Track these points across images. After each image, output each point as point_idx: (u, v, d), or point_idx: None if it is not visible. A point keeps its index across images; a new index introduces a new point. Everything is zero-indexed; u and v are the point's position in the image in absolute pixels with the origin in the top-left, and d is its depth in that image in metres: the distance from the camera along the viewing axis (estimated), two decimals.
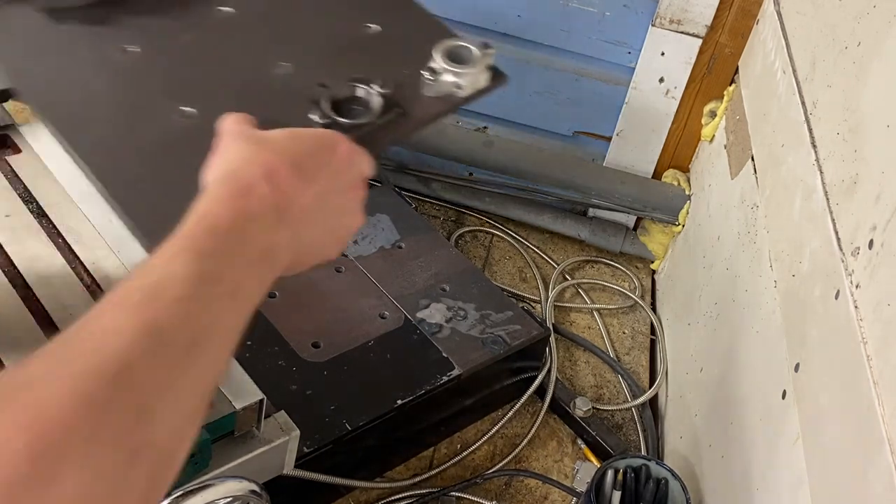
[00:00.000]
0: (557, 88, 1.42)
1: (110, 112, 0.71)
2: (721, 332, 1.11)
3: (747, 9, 1.28)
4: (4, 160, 0.97)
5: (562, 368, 1.25)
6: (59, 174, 0.96)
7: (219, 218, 0.51)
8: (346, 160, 0.61)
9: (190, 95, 0.71)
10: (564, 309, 1.36)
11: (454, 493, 1.06)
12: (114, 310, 0.44)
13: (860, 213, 0.76)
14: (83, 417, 0.40)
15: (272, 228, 0.54)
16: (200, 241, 0.50)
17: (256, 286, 0.52)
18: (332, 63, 0.77)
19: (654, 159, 1.45)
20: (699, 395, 1.11)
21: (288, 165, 0.55)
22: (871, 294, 0.70)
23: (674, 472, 0.98)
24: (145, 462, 0.42)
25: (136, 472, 0.42)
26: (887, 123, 0.75)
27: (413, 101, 0.75)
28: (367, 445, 1.01)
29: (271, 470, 0.84)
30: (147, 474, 0.43)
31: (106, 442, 0.40)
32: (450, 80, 0.78)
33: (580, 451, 1.15)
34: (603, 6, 1.33)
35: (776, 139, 1.05)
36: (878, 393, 0.65)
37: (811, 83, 0.99)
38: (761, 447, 0.87)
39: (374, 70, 0.74)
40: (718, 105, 1.36)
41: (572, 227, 1.48)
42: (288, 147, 0.57)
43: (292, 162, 0.56)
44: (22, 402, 0.39)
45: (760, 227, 1.05)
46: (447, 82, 0.78)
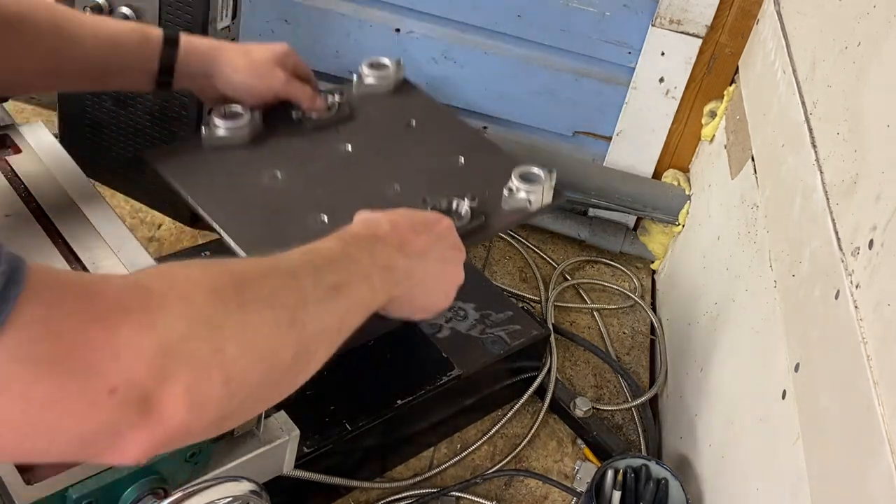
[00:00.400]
0: (557, 88, 1.42)
1: (263, 218, 0.92)
2: (721, 332, 1.11)
3: (747, 9, 1.28)
4: (4, 160, 0.96)
5: (562, 368, 1.25)
6: (59, 174, 0.96)
7: (357, 232, 0.74)
8: (448, 229, 0.82)
9: (323, 208, 0.94)
10: (564, 309, 1.36)
11: (454, 493, 1.06)
12: (288, 252, 0.65)
13: (860, 213, 0.76)
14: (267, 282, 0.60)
15: (393, 253, 0.74)
16: (346, 238, 0.72)
17: (379, 286, 0.71)
18: (431, 185, 1.00)
19: (654, 159, 1.45)
20: (699, 395, 1.11)
21: (405, 221, 0.78)
22: (871, 294, 0.70)
23: (674, 472, 0.98)
24: (295, 333, 0.60)
25: (288, 338, 0.60)
26: (887, 123, 0.75)
27: (494, 212, 0.98)
28: (367, 445, 1.01)
29: (271, 470, 0.84)
30: (294, 346, 0.60)
31: (278, 303, 0.60)
32: (522, 196, 0.99)
33: (580, 451, 1.15)
34: (603, 6, 1.33)
35: (776, 139, 1.05)
36: (878, 393, 0.65)
37: (811, 83, 0.99)
38: (761, 447, 0.87)
39: (464, 189, 0.97)
40: (718, 105, 1.36)
41: (572, 227, 1.48)
42: (405, 214, 0.79)
43: (408, 221, 0.78)
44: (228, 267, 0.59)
45: (760, 227, 1.05)
46: (520, 198, 0.99)
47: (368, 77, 1.15)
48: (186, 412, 0.52)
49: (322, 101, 1.06)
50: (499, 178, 1.00)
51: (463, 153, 1.06)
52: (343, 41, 1.45)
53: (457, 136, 1.10)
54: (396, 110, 1.12)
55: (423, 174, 1.02)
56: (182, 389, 0.51)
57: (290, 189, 0.97)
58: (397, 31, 1.42)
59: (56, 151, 0.99)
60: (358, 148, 1.05)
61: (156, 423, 0.51)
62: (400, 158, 1.05)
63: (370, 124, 1.09)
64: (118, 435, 0.50)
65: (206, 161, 0.99)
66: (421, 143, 1.08)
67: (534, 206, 0.99)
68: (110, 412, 0.49)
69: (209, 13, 1.11)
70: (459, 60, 1.43)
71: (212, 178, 0.97)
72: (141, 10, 1.13)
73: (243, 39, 1.22)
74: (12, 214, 0.91)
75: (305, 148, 1.03)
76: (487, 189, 0.99)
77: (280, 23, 1.45)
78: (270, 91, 1.02)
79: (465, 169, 1.04)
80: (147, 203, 1.32)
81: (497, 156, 1.07)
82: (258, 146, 1.01)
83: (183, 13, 1.11)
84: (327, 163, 1.02)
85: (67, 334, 0.48)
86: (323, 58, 1.47)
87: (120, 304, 0.51)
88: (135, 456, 0.51)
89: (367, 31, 1.43)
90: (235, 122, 1.01)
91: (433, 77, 1.45)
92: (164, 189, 1.27)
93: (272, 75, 1.01)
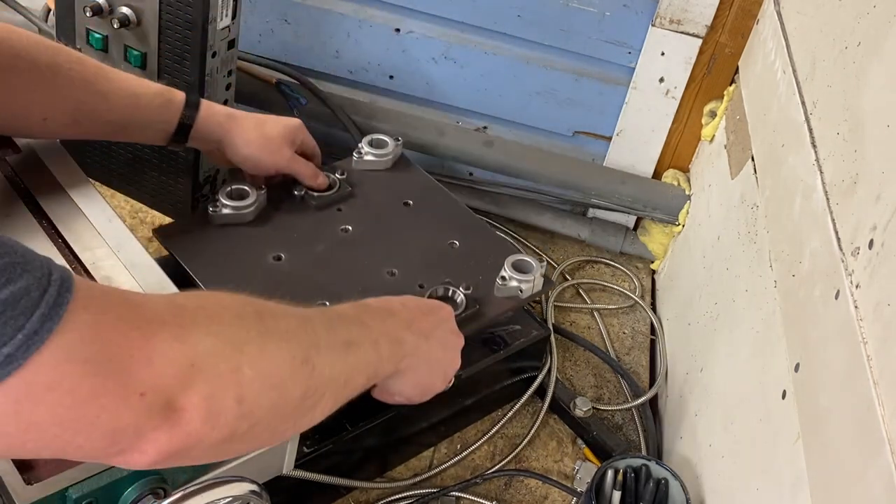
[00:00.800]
0: (557, 88, 1.42)
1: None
2: (721, 332, 1.11)
3: (747, 9, 1.28)
4: (4, 160, 0.97)
5: (562, 368, 1.25)
6: (58, 174, 0.96)
7: (370, 303, 0.81)
8: (448, 316, 0.90)
9: (324, 292, 0.97)
10: (564, 309, 1.36)
11: (454, 493, 1.06)
12: (308, 307, 0.72)
13: (860, 212, 0.76)
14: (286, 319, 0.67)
15: (403, 328, 0.81)
16: (359, 306, 0.79)
17: (386, 355, 0.77)
18: (427, 269, 1.04)
19: (654, 159, 1.45)
20: (699, 395, 1.11)
21: (414, 302, 0.87)
22: (871, 294, 0.70)
23: (674, 472, 0.98)
24: (306, 372, 0.65)
25: (300, 374, 0.65)
26: (887, 123, 0.75)
27: (487, 300, 1.03)
28: (367, 445, 1.01)
29: (271, 470, 0.84)
30: (304, 383, 0.65)
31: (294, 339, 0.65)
32: (514, 285, 1.04)
33: (580, 451, 1.15)
34: (603, 6, 1.33)
35: (776, 139, 1.05)
36: (878, 393, 0.65)
37: (811, 83, 0.99)
38: (761, 447, 0.87)
39: (458, 275, 1.04)
40: (718, 105, 1.36)
41: (572, 227, 1.48)
42: (412, 298, 0.89)
43: (416, 303, 0.87)
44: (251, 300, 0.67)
45: (760, 227, 1.05)
46: (512, 287, 1.04)
47: (368, 154, 1.21)
48: (202, 422, 0.57)
49: (324, 178, 1.13)
50: (492, 263, 1.07)
51: (457, 236, 1.12)
52: (343, 41, 1.45)
53: (452, 216, 1.17)
54: (394, 188, 1.19)
55: (419, 257, 1.07)
56: (201, 399, 0.57)
57: (291, 271, 1.03)
58: (397, 31, 1.42)
59: (56, 151, 0.99)
60: (357, 229, 1.11)
61: (174, 426, 0.56)
62: (397, 240, 1.11)
63: (369, 203, 1.15)
64: (141, 435, 0.55)
65: (212, 239, 1.05)
66: (417, 223, 1.14)
67: (525, 294, 1.05)
68: (138, 413, 0.54)
69: (209, 13, 1.11)
70: (459, 60, 1.43)
71: (216, 256, 1.03)
72: (141, 10, 1.13)
73: (243, 39, 1.22)
74: (12, 214, 0.91)
75: (307, 228, 1.09)
76: (481, 275, 1.05)
77: (280, 22, 1.45)
78: (275, 167, 1.09)
79: (459, 253, 1.10)
80: (147, 203, 1.32)
81: (489, 240, 1.14)
82: (262, 224, 1.08)
83: (183, 13, 1.11)
84: (328, 244, 1.08)
85: (111, 339, 0.53)
86: (323, 58, 1.47)
87: (157, 316, 0.57)
88: (151, 457, 0.56)
89: (367, 31, 1.43)
90: (242, 202, 1.07)
91: (433, 77, 1.46)
92: (165, 189, 1.27)
93: (279, 152, 1.08)
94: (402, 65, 1.45)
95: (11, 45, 0.86)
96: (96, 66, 0.94)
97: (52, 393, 0.51)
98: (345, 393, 0.72)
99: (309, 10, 1.44)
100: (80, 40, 1.20)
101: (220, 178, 1.31)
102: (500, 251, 1.09)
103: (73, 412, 0.52)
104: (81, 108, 0.93)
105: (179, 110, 1.00)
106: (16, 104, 0.89)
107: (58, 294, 0.51)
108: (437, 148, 1.45)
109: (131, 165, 1.28)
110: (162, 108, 0.99)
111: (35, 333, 0.49)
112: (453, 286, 1.02)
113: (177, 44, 1.14)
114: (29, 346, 0.49)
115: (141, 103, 0.97)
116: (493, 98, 1.46)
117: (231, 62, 1.20)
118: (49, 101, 0.91)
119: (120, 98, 0.95)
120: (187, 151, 1.21)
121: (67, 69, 0.91)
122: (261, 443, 0.69)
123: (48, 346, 0.50)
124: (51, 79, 0.90)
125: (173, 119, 1.00)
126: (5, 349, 0.48)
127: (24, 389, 0.50)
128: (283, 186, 1.13)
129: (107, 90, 0.94)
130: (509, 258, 1.06)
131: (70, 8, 1.17)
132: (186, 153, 1.21)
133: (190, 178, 1.25)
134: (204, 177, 1.27)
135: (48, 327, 0.50)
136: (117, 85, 0.95)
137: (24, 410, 0.50)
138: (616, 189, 1.43)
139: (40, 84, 0.89)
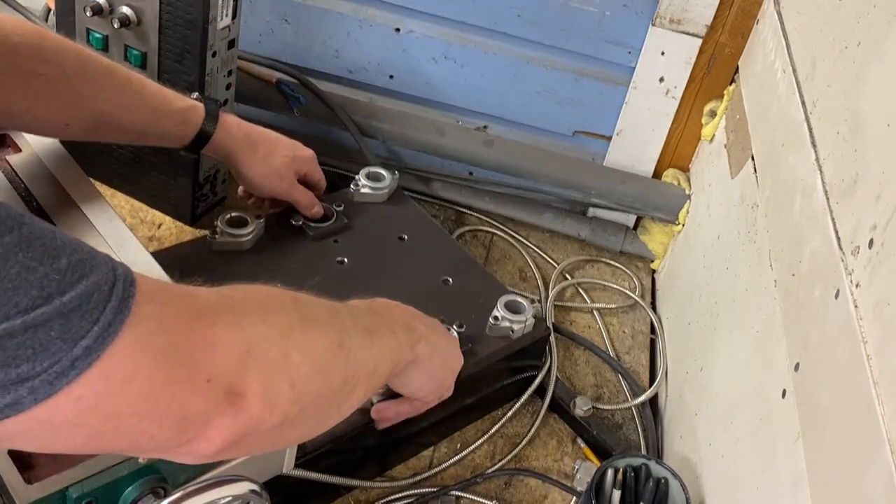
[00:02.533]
0: (557, 88, 1.43)
1: None
2: (721, 331, 1.11)
3: (747, 9, 1.28)
4: (4, 160, 0.97)
5: (562, 368, 1.25)
6: (59, 174, 0.96)
7: (376, 299, 0.83)
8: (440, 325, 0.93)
9: None
10: (564, 308, 1.36)
11: (454, 493, 1.06)
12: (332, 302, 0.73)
13: (860, 212, 0.76)
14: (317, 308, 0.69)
15: (410, 317, 0.85)
16: (368, 300, 0.81)
17: (404, 341, 0.80)
18: (421, 306, 0.99)
19: (654, 159, 1.45)
20: (699, 394, 1.11)
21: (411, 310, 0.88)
22: (871, 294, 0.70)
23: (674, 472, 0.98)
24: (343, 356, 0.67)
25: (338, 358, 0.67)
26: (887, 123, 0.75)
27: (479, 339, 1.05)
28: (367, 445, 1.01)
29: (271, 470, 0.84)
30: (343, 368, 0.67)
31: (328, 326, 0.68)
32: (506, 325, 1.06)
33: (580, 451, 1.15)
34: (603, 6, 1.33)
35: (776, 139, 1.05)
36: (878, 393, 0.65)
37: (811, 83, 0.99)
38: (761, 447, 0.87)
39: (451, 313, 1.05)
40: (718, 105, 1.36)
41: (572, 226, 1.49)
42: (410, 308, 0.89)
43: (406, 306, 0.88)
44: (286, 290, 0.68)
45: (760, 227, 1.05)
46: (504, 327, 1.06)
47: (365, 187, 1.23)
48: (261, 406, 0.59)
49: (320, 208, 1.15)
50: (484, 303, 1.09)
51: (451, 273, 1.14)
52: (343, 41, 1.45)
53: (445, 253, 1.19)
54: (390, 222, 1.21)
55: (413, 292, 1.05)
56: (258, 384, 0.59)
57: None
58: (397, 30, 1.43)
59: (56, 151, 0.99)
60: (353, 261, 1.12)
61: (238, 411, 0.57)
62: (392, 274, 1.12)
63: (365, 236, 1.17)
64: (209, 422, 0.57)
65: (210, 266, 1.06)
66: (412, 258, 1.16)
67: (517, 334, 1.07)
68: (207, 399, 0.56)
69: (209, 13, 1.11)
70: (459, 60, 1.43)
71: (213, 283, 1.02)
72: (141, 9, 1.13)
73: (243, 39, 1.22)
74: None
75: (303, 258, 1.10)
76: (473, 314, 1.08)
77: (280, 22, 1.45)
78: (275, 193, 1.14)
79: (452, 290, 1.13)
80: (147, 203, 1.32)
81: (482, 278, 1.16)
82: (259, 253, 1.10)
83: (183, 13, 1.11)
84: (324, 276, 1.09)
85: (177, 329, 0.56)
86: (323, 58, 1.47)
87: (211, 305, 0.60)
88: (217, 445, 0.57)
89: (367, 31, 1.43)
90: (240, 230, 1.09)
91: (433, 77, 1.46)
92: (165, 189, 1.27)
93: (280, 182, 1.12)
94: (402, 64, 1.45)
95: (42, 52, 0.88)
96: (126, 77, 0.97)
97: (130, 383, 0.52)
98: (374, 381, 0.75)
99: (309, 10, 1.44)
100: (81, 40, 1.20)
101: (221, 178, 1.31)
102: (493, 290, 1.11)
103: (149, 401, 0.53)
104: (103, 117, 0.96)
105: (197, 128, 1.04)
106: (40, 109, 0.91)
107: (124, 288, 0.53)
108: (437, 147, 1.45)
109: (131, 165, 1.28)
110: (179, 126, 1.03)
111: (109, 325, 0.51)
112: (447, 323, 1.03)
113: (177, 43, 1.14)
114: (105, 338, 0.51)
115: (161, 119, 1.01)
116: (493, 98, 1.46)
117: (231, 62, 1.20)
118: (73, 109, 0.93)
119: (141, 114, 0.99)
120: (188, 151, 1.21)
121: (94, 79, 0.93)
122: (309, 429, 0.70)
123: (122, 337, 0.52)
124: (78, 88, 0.92)
125: (189, 135, 1.04)
126: (84, 341, 0.50)
127: (104, 380, 0.51)
128: (281, 215, 1.15)
129: (129, 104, 0.97)
130: (502, 298, 1.08)
131: (70, 8, 1.17)
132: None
133: (190, 177, 1.25)
134: (204, 177, 1.27)
135: (120, 319, 0.52)
136: (141, 100, 0.98)
137: (104, 402, 0.52)
138: (616, 188, 1.43)
139: (66, 92, 0.91)
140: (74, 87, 0.92)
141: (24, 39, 0.87)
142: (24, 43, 0.87)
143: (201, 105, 1.05)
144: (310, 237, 1.14)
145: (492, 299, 1.09)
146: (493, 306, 1.08)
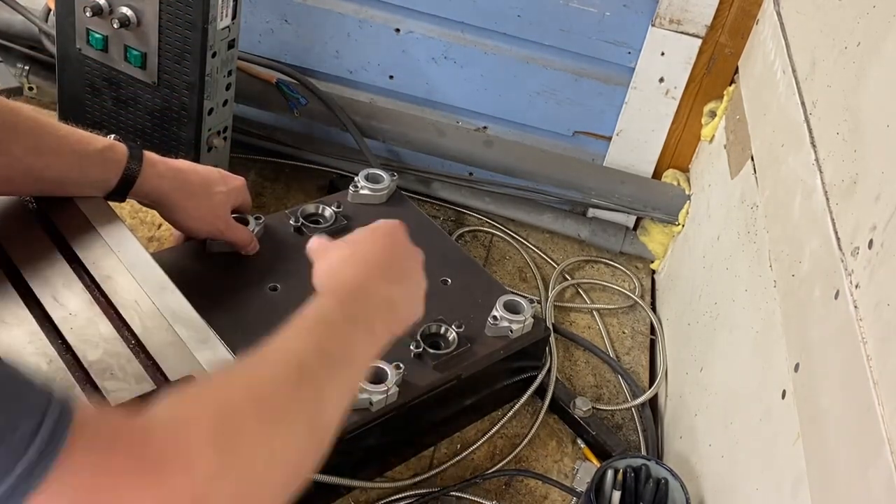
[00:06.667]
0: (557, 88, 1.43)
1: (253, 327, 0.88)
2: (721, 331, 1.11)
3: (747, 9, 1.28)
4: None
5: (562, 368, 1.25)
6: None
7: (347, 282, 0.75)
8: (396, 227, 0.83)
9: None
10: (564, 309, 1.36)
11: (454, 493, 1.06)
12: (295, 332, 0.67)
13: (860, 212, 0.76)
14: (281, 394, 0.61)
15: (387, 285, 0.76)
16: (340, 295, 0.73)
17: (380, 330, 0.73)
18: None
19: (654, 159, 1.45)
20: (699, 395, 1.11)
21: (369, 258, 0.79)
22: (871, 294, 0.70)
23: (674, 472, 0.98)
24: (316, 439, 0.62)
25: (310, 446, 0.62)
26: (887, 123, 0.75)
27: (478, 339, 1.05)
28: (367, 445, 1.01)
29: None
30: (316, 449, 0.62)
31: (295, 418, 0.61)
32: (505, 325, 1.07)
33: (580, 451, 1.15)
34: (603, 6, 1.33)
35: (776, 139, 1.05)
36: (878, 393, 0.65)
37: (811, 83, 0.99)
38: (761, 447, 0.87)
39: (450, 313, 1.06)
40: (718, 105, 1.36)
41: (572, 227, 1.49)
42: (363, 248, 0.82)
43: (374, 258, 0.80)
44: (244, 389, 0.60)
45: (760, 227, 1.05)
46: (503, 327, 1.07)
47: (364, 189, 1.22)
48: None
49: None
50: (483, 303, 1.09)
51: (450, 274, 1.14)
52: (343, 41, 1.45)
53: (444, 254, 1.18)
54: None
55: None
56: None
57: (287, 302, 0.99)
58: (397, 31, 1.43)
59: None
60: None
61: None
62: None
63: None
64: None
65: (208, 268, 1.06)
66: None
67: (515, 335, 1.07)
68: None
69: (209, 13, 1.11)
70: (459, 60, 1.43)
71: (212, 285, 1.04)
72: (141, 10, 1.13)
73: (243, 39, 1.22)
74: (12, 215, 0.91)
75: (303, 259, 1.07)
76: (472, 314, 1.08)
77: (280, 22, 1.45)
78: (211, 234, 1.06)
79: (451, 290, 1.12)
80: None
81: (481, 279, 1.16)
82: (258, 254, 1.09)
83: (183, 13, 1.11)
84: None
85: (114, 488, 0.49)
86: (323, 58, 1.47)
87: (162, 455, 0.52)
88: None
89: (367, 31, 1.43)
90: None
91: (433, 77, 1.46)
92: None
93: (217, 220, 1.05)
94: (402, 65, 1.45)
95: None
96: (33, 120, 0.88)
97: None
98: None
99: (309, 10, 1.44)
100: (80, 40, 1.20)
101: None
102: (492, 291, 1.12)
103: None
104: (15, 165, 0.87)
105: (121, 168, 0.94)
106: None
107: (52, 431, 0.46)
108: (437, 148, 1.45)
109: None
110: (103, 164, 0.93)
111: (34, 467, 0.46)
112: (446, 324, 1.04)
113: (177, 44, 1.14)
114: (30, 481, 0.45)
115: (81, 162, 0.92)
116: (493, 98, 1.46)
117: (231, 62, 1.20)
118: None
119: (57, 156, 0.89)
120: (188, 151, 1.21)
121: (15, 132, 0.86)
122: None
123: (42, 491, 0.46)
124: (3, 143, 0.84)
125: (113, 179, 0.94)
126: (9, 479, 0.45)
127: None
128: (279, 217, 1.15)
129: (43, 146, 0.88)
130: (501, 298, 1.08)
131: (70, 8, 1.17)
132: (187, 153, 1.21)
133: None
134: None
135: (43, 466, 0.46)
136: (56, 142, 0.89)
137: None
138: (616, 189, 1.43)
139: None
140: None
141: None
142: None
143: (122, 144, 0.95)
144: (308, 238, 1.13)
145: (491, 300, 1.09)
146: (492, 306, 1.08)
